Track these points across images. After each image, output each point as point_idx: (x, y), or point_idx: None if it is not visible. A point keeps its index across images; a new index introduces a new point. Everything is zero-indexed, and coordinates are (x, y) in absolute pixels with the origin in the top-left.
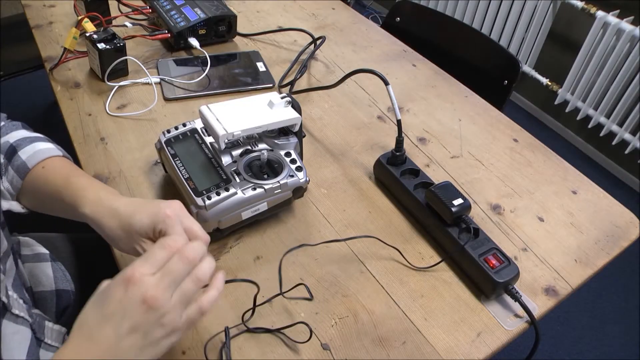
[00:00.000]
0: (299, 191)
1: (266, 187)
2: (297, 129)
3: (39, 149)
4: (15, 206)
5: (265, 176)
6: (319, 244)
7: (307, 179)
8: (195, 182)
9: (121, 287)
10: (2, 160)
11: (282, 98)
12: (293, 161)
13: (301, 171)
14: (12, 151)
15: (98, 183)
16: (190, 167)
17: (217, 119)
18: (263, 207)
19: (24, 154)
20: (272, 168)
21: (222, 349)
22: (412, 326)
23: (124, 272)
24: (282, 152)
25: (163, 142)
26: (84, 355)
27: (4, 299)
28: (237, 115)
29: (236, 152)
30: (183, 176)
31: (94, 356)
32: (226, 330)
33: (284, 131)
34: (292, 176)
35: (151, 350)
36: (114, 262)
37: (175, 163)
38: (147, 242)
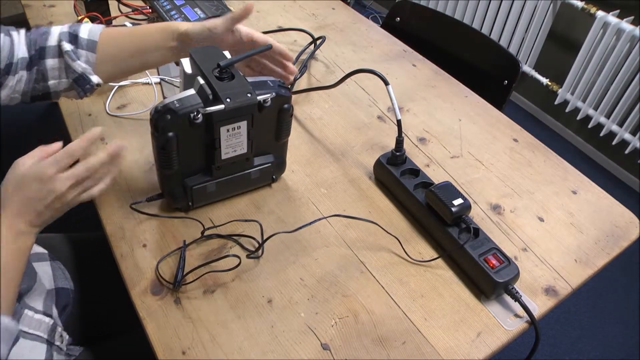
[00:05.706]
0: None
1: None
2: None
3: (91, 26)
4: (95, 78)
5: None
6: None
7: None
8: None
9: (39, 182)
10: (70, 48)
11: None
12: None
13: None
14: (73, 37)
15: None
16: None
17: None
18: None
19: (83, 33)
20: None
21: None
22: (412, 326)
23: (41, 169)
24: None
25: None
26: (16, 224)
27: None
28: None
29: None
30: None
31: (21, 224)
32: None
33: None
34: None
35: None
36: (112, 262)
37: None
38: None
